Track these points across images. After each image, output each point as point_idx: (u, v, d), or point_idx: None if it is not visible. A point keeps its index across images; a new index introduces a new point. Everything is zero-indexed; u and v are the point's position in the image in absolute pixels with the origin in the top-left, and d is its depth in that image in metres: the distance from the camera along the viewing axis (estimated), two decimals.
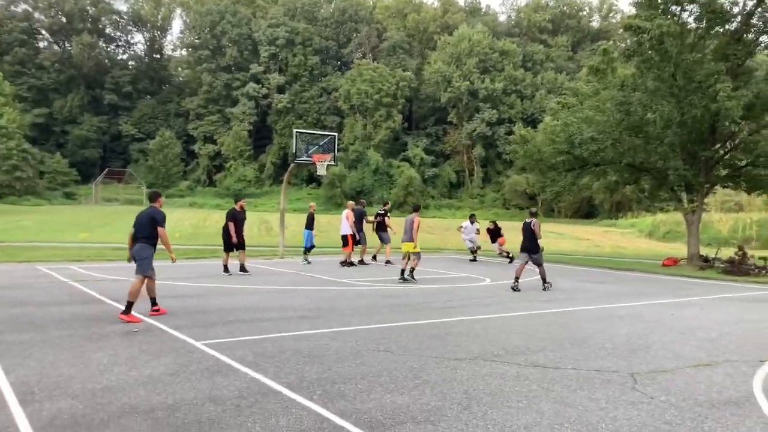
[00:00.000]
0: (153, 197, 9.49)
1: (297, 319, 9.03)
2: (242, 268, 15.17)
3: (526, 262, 13.62)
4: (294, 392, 5.43)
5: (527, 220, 13.94)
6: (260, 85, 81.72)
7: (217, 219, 48.70)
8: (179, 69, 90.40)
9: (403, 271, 14.58)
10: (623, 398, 5.54)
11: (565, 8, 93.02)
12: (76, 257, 18.30)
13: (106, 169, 77.86)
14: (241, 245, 15.31)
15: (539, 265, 13.73)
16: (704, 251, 22.36)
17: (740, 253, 19.55)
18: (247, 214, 16.26)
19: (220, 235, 15.81)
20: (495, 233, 22.74)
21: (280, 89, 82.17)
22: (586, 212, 69.93)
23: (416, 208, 15.48)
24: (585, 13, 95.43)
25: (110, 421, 4.60)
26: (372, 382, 5.84)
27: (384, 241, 19.75)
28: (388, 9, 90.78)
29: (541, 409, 5.16)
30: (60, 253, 19.35)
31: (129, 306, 8.65)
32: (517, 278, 13.44)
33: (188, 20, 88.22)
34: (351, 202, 18.44)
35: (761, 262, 18.94)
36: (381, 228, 19.90)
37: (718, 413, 5.19)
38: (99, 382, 5.59)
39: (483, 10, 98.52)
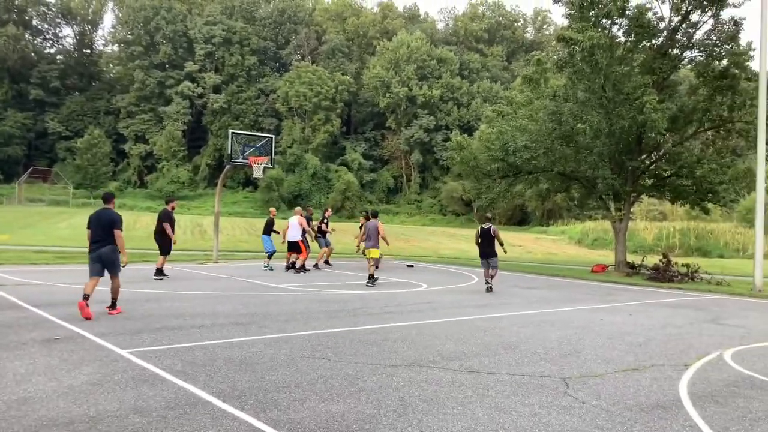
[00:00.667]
0: (107, 198, 9.63)
1: (230, 325, 8.79)
2: (160, 272, 14.70)
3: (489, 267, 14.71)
4: (225, 402, 5.24)
5: (485, 226, 14.80)
6: (195, 84, 79.99)
7: (147, 222, 47.25)
8: (110, 65, 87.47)
9: (371, 276, 15.03)
10: (556, 403, 5.61)
11: (500, 19, 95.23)
12: None
13: (31, 168, 74.32)
14: (169, 249, 14.85)
15: (495, 268, 14.85)
16: (630, 258, 23.19)
17: (665, 260, 20.36)
18: (181, 216, 15.81)
19: (152, 238, 15.27)
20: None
21: (216, 89, 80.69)
22: (519, 219, 71.62)
23: (375, 215, 15.95)
24: (519, 24, 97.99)
25: None
26: (306, 390, 5.71)
27: (326, 245, 20.05)
28: (328, 12, 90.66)
29: (476, 415, 5.17)
30: None
31: (114, 301, 9.50)
32: (486, 280, 14.67)
33: (121, 15, 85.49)
34: (299, 209, 18.18)
35: (684, 269, 19.78)
36: (321, 233, 20.08)
37: (647, 417, 5.32)
38: (15, 394, 5.25)
39: (421, 17, 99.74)
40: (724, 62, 20.22)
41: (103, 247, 9.17)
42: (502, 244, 14.60)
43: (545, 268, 23.22)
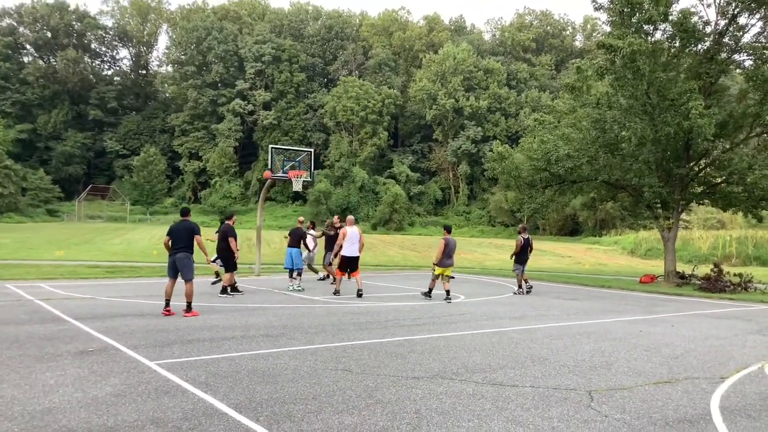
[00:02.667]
0: (186, 213, 11.44)
1: (259, 337, 8.90)
2: (228, 290, 14.28)
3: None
4: (240, 413, 5.31)
5: (526, 236, 16.53)
6: (246, 102, 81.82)
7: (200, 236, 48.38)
8: (165, 85, 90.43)
9: (447, 292, 14.60)
10: (577, 416, 5.47)
11: (548, 28, 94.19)
12: (49, 275, 18.04)
13: (90, 186, 77.47)
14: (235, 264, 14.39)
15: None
16: (682, 268, 22.45)
17: (716, 270, 19.64)
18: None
19: (210, 253, 15.19)
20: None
21: (266, 106, 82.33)
22: (571, 229, 70.26)
23: (448, 229, 15.22)
24: (568, 32, 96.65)
25: None
26: (323, 402, 5.73)
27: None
28: (374, 27, 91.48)
29: (492, 428, 5.08)
30: (33, 271, 19.07)
31: (189, 305, 10.74)
32: (520, 285, 16.47)
33: (174, 36, 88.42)
34: (351, 217, 16.09)
35: (736, 279, 19.03)
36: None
37: (675, 430, 5.13)
38: (41, 404, 5.44)
39: (468, 29, 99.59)
40: None
41: (179, 252, 10.72)
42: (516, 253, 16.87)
43: (592, 279, 22.69)
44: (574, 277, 23.95)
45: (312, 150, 20.47)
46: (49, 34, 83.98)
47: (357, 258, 14.95)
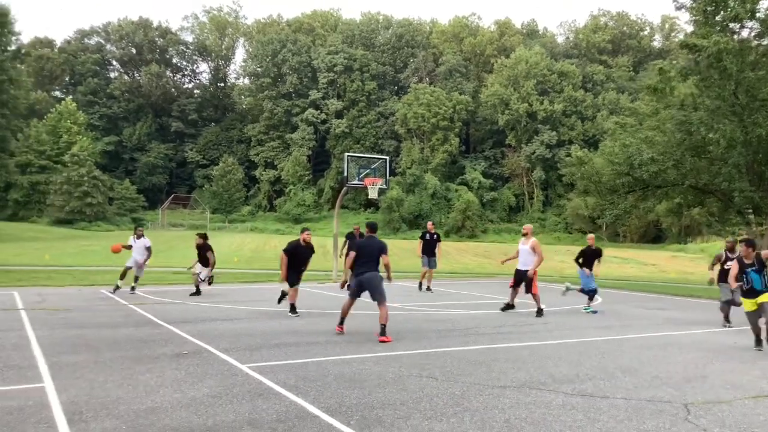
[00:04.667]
0: (374, 228, 10.44)
1: (343, 343, 9.05)
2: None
3: None
4: (332, 417, 5.42)
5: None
6: (319, 111, 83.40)
7: (276, 243, 49.61)
8: (242, 97, 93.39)
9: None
10: (674, 429, 5.28)
11: (625, 28, 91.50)
12: (139, 281, 18.90)
13: (172, 195, 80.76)
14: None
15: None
16: None
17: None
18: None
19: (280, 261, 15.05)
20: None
21: (338, 114, 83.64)
22: (653, 237, 67.78)
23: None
24: (646, 32, 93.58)
25: None
26: (411, 408, 5.77)
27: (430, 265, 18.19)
28: (445, 33, 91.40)
29: None
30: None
31: (383, 328, 9.45)
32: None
33: (250, 49, 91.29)
34: (527, 226, 14.10)
35: None
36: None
37: None
38: (144, 404, 5.72)
39: (540, 32, 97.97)
40: None
41: (368, 272, 9.69)
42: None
43: (678, 289, 21.80)
44: (659, 286, 23.09)
45: (387, 158, 20.65)
46: (133, 50, 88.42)
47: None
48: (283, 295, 12.25)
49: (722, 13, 18.58)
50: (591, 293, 14.30)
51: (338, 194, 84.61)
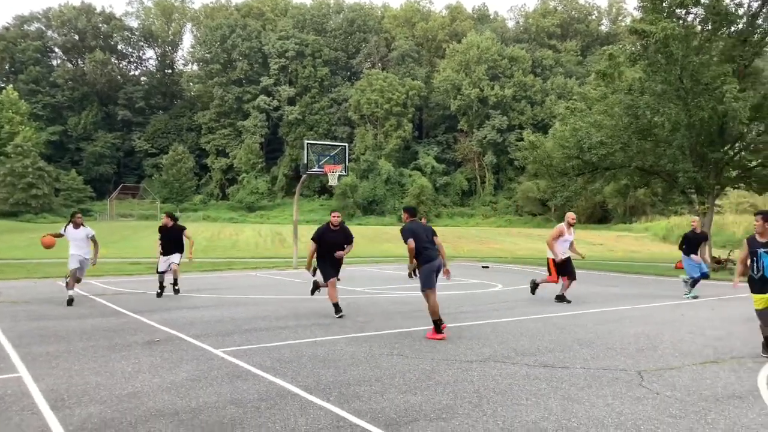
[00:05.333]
0: (412, 212, 9.08)
1: (312, 326, 9.26)
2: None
3: None
4: (311, 394, 5.65)
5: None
6: (271, 98, 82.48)
7: (230, 232, 49.21)
8: (190, 84, 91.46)
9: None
10: (629, 394, 5.71)
11: (573, 13, 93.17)
12: (95, 272, 18.65)
13: (121, 185, 78.86)
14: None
15: None
16: (717, 253, 22.36)
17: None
18: (261, 226, 16.25)
19: (236, 248, 15.83)
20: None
21: (291, 101, 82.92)
22: (600, 217, 69.74)
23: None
24: (594, 17, 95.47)
25: (138, 424, 4.84)
26: (386, 383, 6.05)
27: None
28: (396, 18, 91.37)
29: (549, 405, 5.35)
30: None
31: (437, 324, 8.44)
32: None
33: (198, 35, 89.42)
34: (571, 214, 12.77)
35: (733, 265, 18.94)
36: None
37: (722, 406, 5.35)
38: (124, 389, 5.84)
39: (491, 17, 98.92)
40: None
41: (437, 257, 8.62)
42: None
43: (626, 266, 22.72)
44: (609, 264, 23.99)
45: (346, 145, 20.82)
46: (76, 37, 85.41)
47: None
48: (316, 286, 10.93)
49: None
50: (702, 277, 13.28)
51: (292, 181, 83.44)
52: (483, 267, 22.05)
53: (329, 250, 10.26)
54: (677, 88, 19.26)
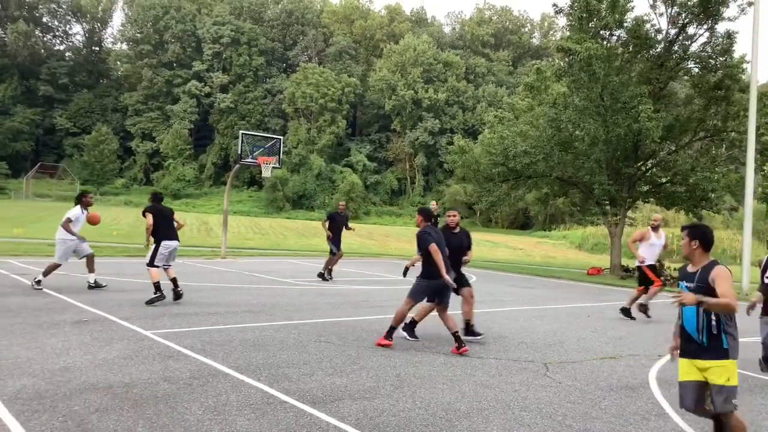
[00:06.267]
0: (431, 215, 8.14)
1: (242, 313, 9.50)
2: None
3: None
4: (242, 374, 5.96)
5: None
6: (203, 84, 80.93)
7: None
8: (119, 63, 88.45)
9: None
10: (535, 383, 6.31)
11: (507, 23, 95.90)
12: (14, 252, 18.09)
13: (39, 164, 75.38)
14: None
15: None
16: (626, 262, 23.84)
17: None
18: (187, 214, 16.25)
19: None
20: None
21: (223, 88, 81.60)
22: (522, 223, 72.25)
23: None
24: (526, 29, 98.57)
25: (72, 396, 5.02)
26: (314, 366, 6.42)
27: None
28: (335, 14, 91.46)
29: (463, 389, 5.87)
30: None
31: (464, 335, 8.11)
32: None
33: (130, 13, 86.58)
34: (656, 215, 12.07)
35: (676, 273, 20.42)
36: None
37: (615, 395, 6.02)
38: (57, 364, 5.96)
39: (428, 21, 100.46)
40: (719, 74, 20.84)
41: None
42: None
43: (543, 270, 23.87)
44: (527, 267, 25.11)
45: (281, 138, 20.95)
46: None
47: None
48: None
49: (595, 20, 20.54)
50: None
51: (221, 171, 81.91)
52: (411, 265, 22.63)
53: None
54: (597, 105, 20.47)
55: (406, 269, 8.52)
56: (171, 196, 73.58)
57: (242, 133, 19.81)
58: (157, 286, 9.77)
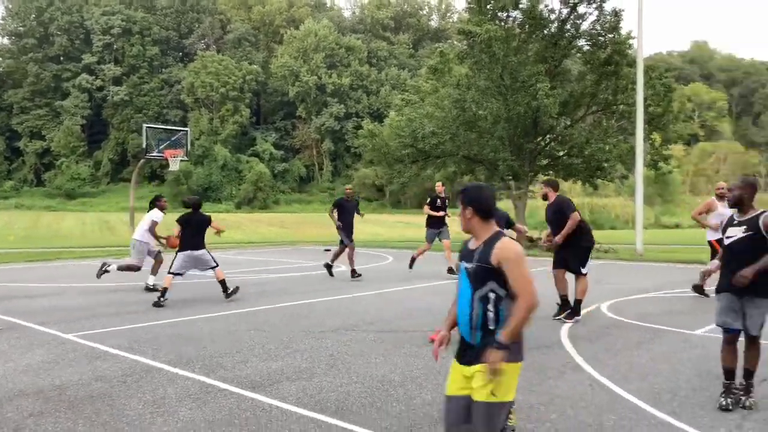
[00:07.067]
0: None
1: (165, 309, 9.35)
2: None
3: None
4: (176, 367, 5.96)
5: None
6: (94, 77, 77.00)
7: (49, 221, 45.59)
8: (0, 59, 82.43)
9: None
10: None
11: (406, 7, 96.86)
12: None
13: None
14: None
15: None
16: (532, 233, 25.02)
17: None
18: (86, 214, 15.62)
19: (59, 237, 14.89)
20: None
21: (117, 81, 77.99)
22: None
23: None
24: (424, 12, 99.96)
25: (3, 403, 4.89)
26: (247, 354, 6.50)
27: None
28: (232, 0, 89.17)
29: (395, 361, 6.15)
30: None
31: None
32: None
33: (11, 6, 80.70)
34: (721, 183, 10.57)
35: None
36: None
37: (534, 354, 6.46)
38: None
39: (328, 5, 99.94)
40: (608, 50, 22.07)
41: None
42: None
43: (455, 246, 24.64)
44: (438, 244, 25.79)
45: (188, 130, 20.44)
46: None
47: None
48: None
49: (492, 2, 21.28)
50: None
51: (118, 167, 78.27)
52: (325, 250, 22.78)
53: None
54: (498, 85, 21.27)
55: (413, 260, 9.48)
56: (65, 196, 69.88)
57: (146, 127, 19.18)
58: (163, 292, 9.67)
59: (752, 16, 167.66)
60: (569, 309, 8.43)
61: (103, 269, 11.20)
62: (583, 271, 8.45)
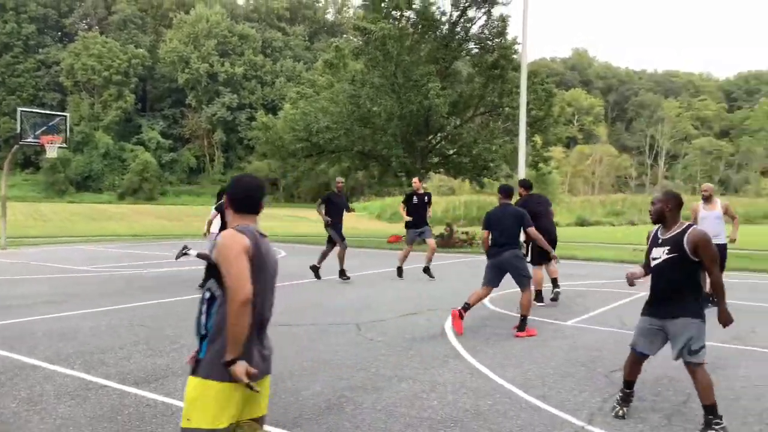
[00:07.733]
0: (506, 192, 8.08)
1: (41, 304, 8.88)
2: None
3: None
4: (53, 364, 5.71)
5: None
6: None
7: None
8: None
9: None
10: (350, 341, 6.86)
11: None
12: None
13: None
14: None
15: None
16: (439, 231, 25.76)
17: (448, 229, 23.00)
18: None
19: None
20: None
21: None
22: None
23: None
24: (321, 4, 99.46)
25: None
26: (131, 350, 6.33)
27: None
28: None
29: (286, 354, 6.20)
30: None
31: (523, 320, 7.54)
32: None
33: None
34: (705, 185, 9.99)
35: (464, 237, 22.56)
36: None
37: (419, 345, 6.77)
38: None
39: None
40: (495, 54, 23.08)
41: (506, 251, 7.66)
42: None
43: (348, 241, 24.85)
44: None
45: (67, 115, 19.25)
46: None
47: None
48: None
49: (387, 1, 21.63)
50: None
51: None
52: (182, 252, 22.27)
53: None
54: (392, 83, 21.68)
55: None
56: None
57: (21, 111, 17.85)
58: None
59: (629, 26, 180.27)
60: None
61: (183, 252, 10.07)
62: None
